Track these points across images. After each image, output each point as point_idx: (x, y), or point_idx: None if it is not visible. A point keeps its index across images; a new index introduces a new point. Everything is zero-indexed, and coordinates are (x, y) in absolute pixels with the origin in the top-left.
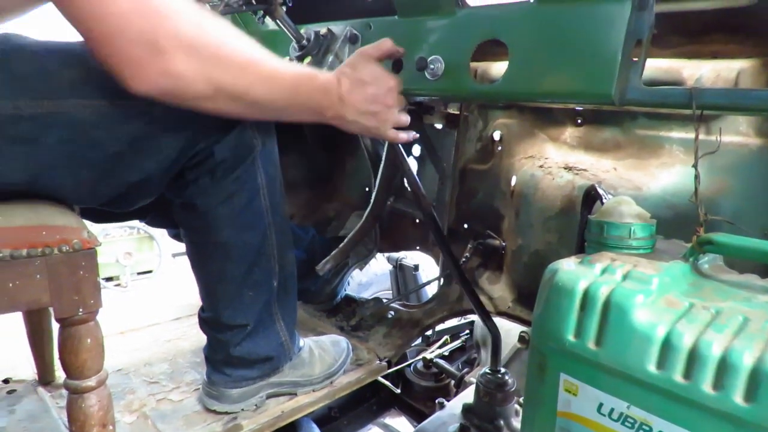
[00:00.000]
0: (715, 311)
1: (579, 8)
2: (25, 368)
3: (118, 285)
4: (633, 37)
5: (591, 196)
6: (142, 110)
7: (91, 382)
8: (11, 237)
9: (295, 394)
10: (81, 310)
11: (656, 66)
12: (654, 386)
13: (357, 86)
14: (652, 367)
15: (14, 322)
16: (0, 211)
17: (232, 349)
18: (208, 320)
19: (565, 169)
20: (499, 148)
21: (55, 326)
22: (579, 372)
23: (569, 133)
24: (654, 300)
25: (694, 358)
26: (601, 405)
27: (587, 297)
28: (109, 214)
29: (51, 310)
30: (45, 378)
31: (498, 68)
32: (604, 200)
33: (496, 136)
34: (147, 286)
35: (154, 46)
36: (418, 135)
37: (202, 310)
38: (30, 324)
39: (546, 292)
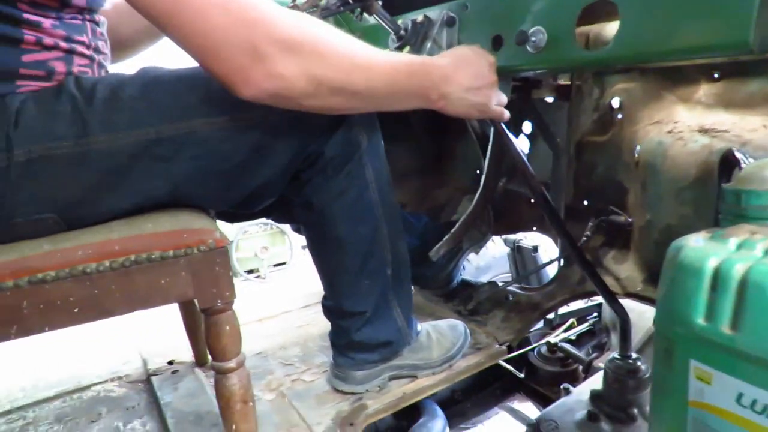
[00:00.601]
0: None
1: None
2: (185, 352)
3: (258, 276)
4: None
5: (729, 162)
6: (258, 121)
7: (231, 363)
8: (160, 241)
9: (416, 377)
10: (219, 301)
11: None
12: None
13: (459, 63)
14: None
15: (175, 313)
16: (150, 220)
17: (354, 334)
18: (330, 308)
19: (700, 132)
20: (619, 116)
21: None
22: (712, 359)
23: (704, 90)
24: None
25: None
26: (740, 395)
27: (719, 276)
28: (240, 214)
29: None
30: (200, 360)
31: (614, 28)
32: (743, 166)
33: (615, 103)
34: (282, 276)
35: (255, 53)
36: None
37: (324, 298)
38: (185, 315)
39: (671, 272)
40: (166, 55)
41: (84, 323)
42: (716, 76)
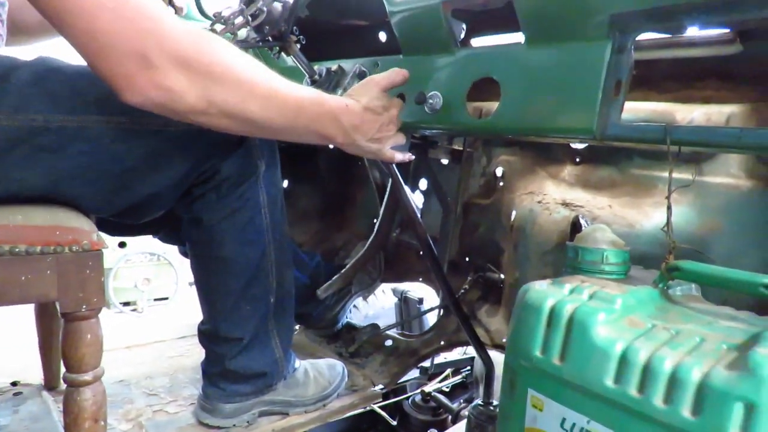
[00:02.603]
0: (674, 332)
1: (563, 50)
2: (33, 373)
3: (134, 310)
4: (613, 77)
5: (575, 226)
6: (158, 128)
7: (87, 376)
8: (28, 234)
9: (287, 414)
10: (84, 306)
11: (651, 108)
12: (611, 401)
13: (367, 116)
14: (609, 382)
15: (27, 329)
16: (21, 212)
17: (228, 362)
18: (206, 332)
19: (563, 205)
20: (501, 183)
21: None
22: (545, 387)
23: (568, 170)
24: (616, 319)
25: (647, 373)
26: (563, 420)
27: (553, 314)
28: (124, 226)
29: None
30: (50, 383)
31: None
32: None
33: (499, 172)
34: (162, 312)
35: (144, 61)
36: (413, 156)
37: (202, 323)
38: (41, 325)
39: (518, 311)
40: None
41: None
42: (578, 159)
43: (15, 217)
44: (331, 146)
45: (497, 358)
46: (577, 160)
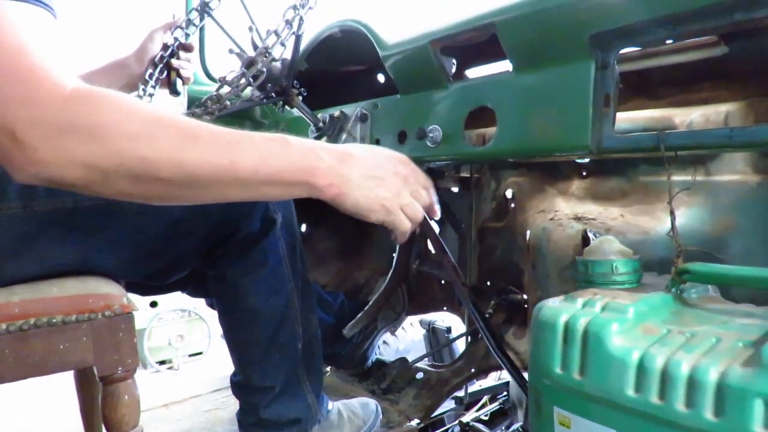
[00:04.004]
0: (690, 334)
1: (550, 73)
2: None
3: (170, 368)
4: (600, 92)
5: (585, 240)
6: None
7: None
8: (63, 305)
9: None
10: (120, 368)
11: (649, 116)
12: (634, 410)
13: (360, 152)
14: (630, 392)
15: (70, 397)
16: (56, 284)
17: (262, 411)
18: (238, 383)
19: (575, 219)
20: (512, 205)
21: None
22: (569, 404)
23: (576, 185)
24: (630, 327)
25: (666, 379)
26: None
27: (568, 329)
28: (152, 286)
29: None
30: None
31: None
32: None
33: (509, 194)
34: (198, 367)
35: (12, 137)
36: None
37: (234, 374)
38: (81, 392)
39: (535, 330)
40: None
41: None
42: (584, 173)
43: (51, 289)
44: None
45: None
46: (584, 173)
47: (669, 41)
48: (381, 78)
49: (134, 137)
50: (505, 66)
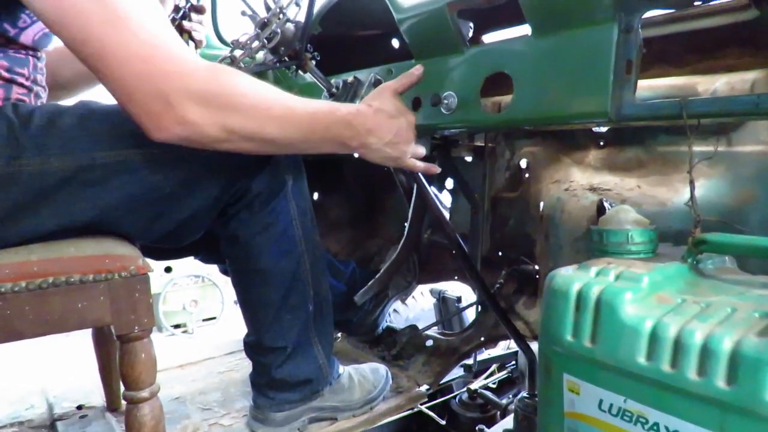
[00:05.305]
0: (704, 305)
1: (571, 36)
2: (96, 396)
3: (185, 332)
4: (622, 57)
5: (600, 209)
6: (189, 155)
7: (144, 393)
8: (81, 264)
9: (336, 419)
10: (137, 327)
11: (671, 84)
12: (645, 378)
13: (382, 119)
14: (642, 360)
15: (88, 356)
16: (73, 244)
17: (274, 371)
18: (251, 344)
19: (590, 190)
20: (527, 175)
21: None
22: (579, 371)
23: (593, 155)
24: (644, 296)
25: (679, 347)
26: (601, 401)
27: (581, 297)
28: (166, 250)
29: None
30: (112, 405)
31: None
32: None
33: (523, 164)
34: (211, 331)
35: (167, 102)
36: (438, 169)
37: (247, 335)
38: (99, 350)
39: (546, 297)
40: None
41: None
42: (602, 143)
43: (68, 249)
44: (356, 155)
45: None
46: (601, 143)
47: (698, 2)
48: (395, 43)
49: (270, 118)
50: (523, 30)
